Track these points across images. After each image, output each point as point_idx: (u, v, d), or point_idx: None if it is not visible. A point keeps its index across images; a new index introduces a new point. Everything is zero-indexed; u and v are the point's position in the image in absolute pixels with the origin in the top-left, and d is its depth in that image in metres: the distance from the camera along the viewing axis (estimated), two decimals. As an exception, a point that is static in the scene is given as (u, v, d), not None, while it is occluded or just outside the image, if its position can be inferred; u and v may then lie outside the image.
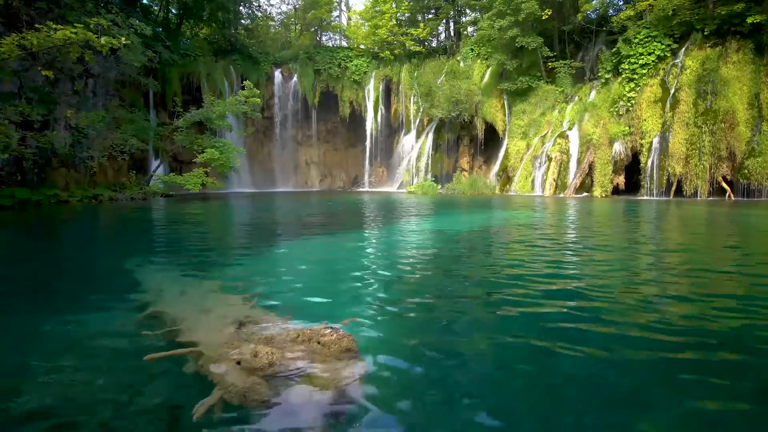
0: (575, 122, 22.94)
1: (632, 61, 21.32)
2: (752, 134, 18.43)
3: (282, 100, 30.96)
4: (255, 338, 2.52)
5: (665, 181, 19.67)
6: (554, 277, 4.50)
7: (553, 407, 2.00)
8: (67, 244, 7.72)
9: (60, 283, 4.60)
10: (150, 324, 3.01)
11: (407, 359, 2.48)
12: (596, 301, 3.60)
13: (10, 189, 14.55)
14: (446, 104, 25.82)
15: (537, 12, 23.09)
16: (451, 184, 25.64)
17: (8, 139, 13.59)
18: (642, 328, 2.95)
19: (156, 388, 2.20)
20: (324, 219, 11.45)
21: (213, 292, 3.76)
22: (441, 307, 3.56)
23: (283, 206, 16.36)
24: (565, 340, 2.75)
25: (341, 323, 2.86)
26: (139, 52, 18.35)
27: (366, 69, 31.47)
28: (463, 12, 32.78)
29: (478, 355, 2.58)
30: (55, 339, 2.84)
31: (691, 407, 1.99)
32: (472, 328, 3.08)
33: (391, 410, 1.92)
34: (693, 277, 4.64)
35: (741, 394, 2.12)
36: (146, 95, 24.26)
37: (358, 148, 33.41)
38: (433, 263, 5.45)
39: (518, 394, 2.14)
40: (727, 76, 18.77)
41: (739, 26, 19.10)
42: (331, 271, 5.07)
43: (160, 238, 8.19)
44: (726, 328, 3.02)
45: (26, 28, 12.96)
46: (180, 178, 20.40)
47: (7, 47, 11.40)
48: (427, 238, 7.81)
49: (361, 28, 35.07)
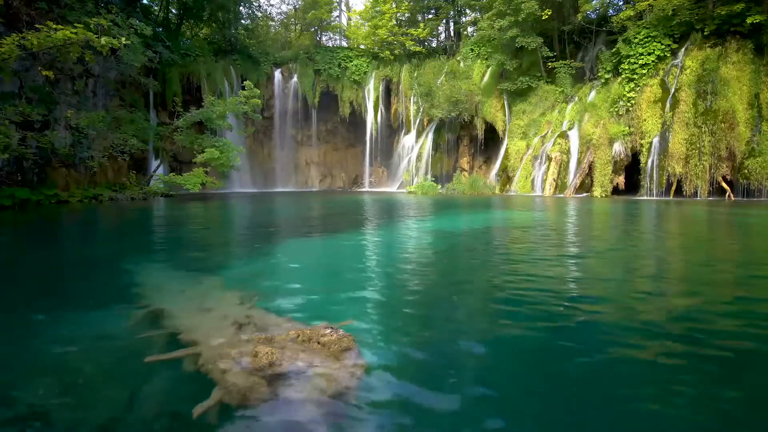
0: (575, 122, 22.95)
1: (632, 61, 21.31)
2: (752, 134, 18.42)
3: (282, 100, 30.96)
4: (255, 338, 2.52)
5: (665, 181, 19.66)
6: (554, 276, 4.50)
7: (553, 408, 2.00)
8: (67, 244, 7.72)
9: (60, 283, 4.61)
10: (150, 324, 3.02)
11: (407, 359, 2.48)
12: (596, 300, 3.60)
13: (10, 189, 14.55)
14: (446, 104, 25.82)
15: (537, 12, 23.09)
16: (451, 184, 25.64)
17: (8, 139, 13.61)
18: (642, 328, 2.95)
19: (156, 388, 2.21)
20: (324, 219, 11.45)
21: (213, 292, 3.77)
22: (441, 307, 3.57)
23: (283, 206, 16.36)
24: (566, 340, 2.75)
25: (341, 323, 2.86)
26: (139, 52, 18.36)
27: (366, 69, 31.47)
28: (463, 12, 32.78)
29: (478, 355, 2.58)
30: (55, 339, 2.84)
31: (689, 406, 2.00)
32: (473, 328, 3.08)
33: (391, 410, 1.92)
34: (692, 277, 4.65)
35: (740, 392, 2.13)
36: (146, 95, 24.26)
37: (358, 148, 33.42)
38: (433, 263, 5.46)
39: (519, 394, 2.15)
40: (727, 76, 18.76)
41: (739, 26, 19.09)
42: (331, 271, 5.08)
43: (160, 238, 8.20)
44: (725, 326, 3.03)
45: (26, 28, 12.96)
46: (180, 177, 20.41)
47: (7, 47, 11.40)
48: (427, 238, 7.82)
49: (361, 28, 35.07)
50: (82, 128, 17.22)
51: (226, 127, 23.01)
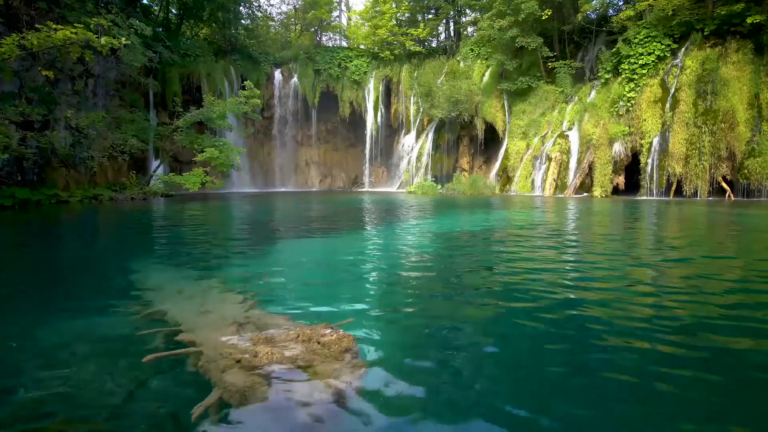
0: (575, 122, 22.95)
1: (632, 61, 21.32)
2: (752, 134, 18.43)
3: (282, 100, 30.97)
4: (255, 338, 2.52)
5: (665, 181, 19.67)
6: (554, 276, 4.50)
7: (554, 408, 2.00)
8: (66, 244, 7.72)
9: (59, 283, 4.61)
10: (150, 324, 3.02)
11: (407, 359, 2.48)
12: (597, 300, 3.60)
13: (10, 189, 14.55)
14: (446, 104, 25.82)
15: (537, 12, 23.09)
16: (451, 184, 25.65)
17: (8, 139, 13.61)
18: (643, 328, 2.95)
19: (156, 388, 2.21)
20: (324, 219, 11.45)
21: (213, 292, 3.77)
22: (441, 306, 3.57)
23: (282, 206, 16.37)
24: (567, 339, 2.75)
25: (341, 323, 2.86)
26: (139, 52, 18.37)
27: (366, 69, 31.47)
28: (463, 12, 32.79)
29: (479, 355, 2.58)
30: (54, 339, 2.84)
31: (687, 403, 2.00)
32: (473, 327, 3.08)
33: (391, 410, 1.92)
34: (692, 276, 4.65)
35: (739, 390, 2.13)
36: (146, 95, 24.27)
37: (358, 148, 33.42)
38: (433, 263, 5.46)
39: (519, 394, 2.15)
40: (727, 76, 18.76)
41: (739, 26, 19.10)
42: (331, 271, 5.08)
43: (160, 238, 8.20)
44: (723, 322, 3.03)
45: (26, 29, 12.98)
46: (180, 177, 20.41)
47: (7, 47, 11.41)
48: (426, 238, 7.82)
49: (361, 28, 35.08)
50: (82, 128, 17.22)
51: (226, 127, 23.02)
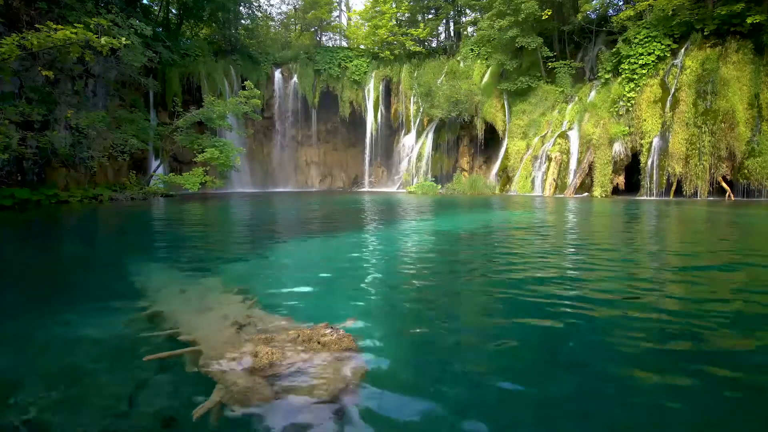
0: (575, 122, 22.94)
1: (632, 61, 21.32)
2: (752, 134, 18.43)
3: (282, 100, 30.97)
4: (255, 338, 2.52)
5: (665, 181, 19.67)
6: (555, 276, 4.50)
7: (553, 408, 2.00)
8: (66, 244, 7.72)
9: (59, 282, 4.60)
10: (150, 324, 3.02)
11: (407, 359, 2.48)
12: (597, 300, 3.60)
13: (10, 189, 14.55)
14: (446, 104, 25.82)
15: (537, 12, 23.09)
16: (451, 184, 25.65)
17: (8, 139, 13.60)
18: (643, 327, 2.95)
19: (156, 389, 2.20)
20: (324, 219, 11.45)
21: (213, 292, 3.76)
22: (441, 306, 3.57)
23: (282, 206, 16.36)
24: (567, 339, 2.75)
25: (341, 323, 2.86)
26: (139, 52, 18.35)
27: (366, 69, 31.47)
28: (463, 12, 32.79)
29: (479, 355, 2.58)
30: (54, 339, 2.84)
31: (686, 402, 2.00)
32: (473, 327, 3.08)
33: (391, 410, 1.92)
34: (692, 275, 4.65)
35: (738, 389, 2.13)
36: (146, 95, 24.27)
37: (358, 148, 33.42)
38: (434, 263, 5.45)
39: (519, 394, 2.15)
40: (727, 76, 18.77)
41: (739, 26, 19.10)
42: (331, 271, 5.07)
43: (160, 237, 8.19)
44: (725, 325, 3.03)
45: (26, 28, 12.97)
46: (180, 177, 20.42)
47: (7, 47, 11.40)
48: (427, 238, 7.82)
49: (361, 28, 35.09)
50: (82, 128, 17.22)
51: (226, 127, 23.02)
